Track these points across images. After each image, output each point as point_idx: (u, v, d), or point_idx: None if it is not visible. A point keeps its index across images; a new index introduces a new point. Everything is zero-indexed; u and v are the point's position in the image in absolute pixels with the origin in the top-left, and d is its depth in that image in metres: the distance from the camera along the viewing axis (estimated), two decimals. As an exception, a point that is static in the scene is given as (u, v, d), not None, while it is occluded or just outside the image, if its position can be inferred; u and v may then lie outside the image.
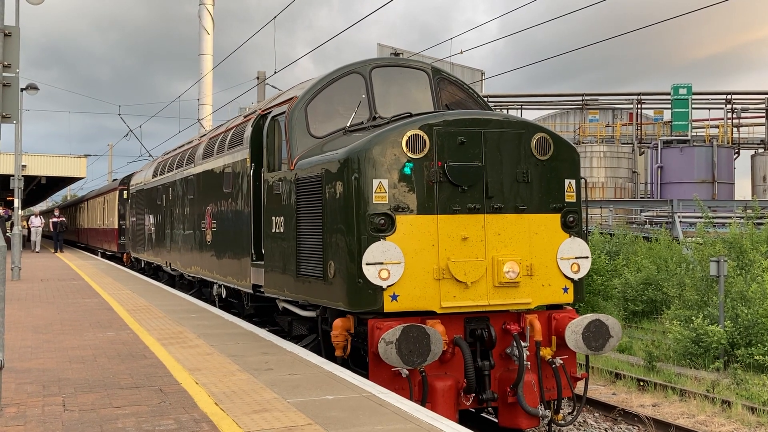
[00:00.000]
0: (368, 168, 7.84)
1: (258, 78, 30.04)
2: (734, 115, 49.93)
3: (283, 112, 9.72)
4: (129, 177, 29.02)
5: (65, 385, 6.77)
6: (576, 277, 8.40)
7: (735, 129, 49.79)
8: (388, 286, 7.72)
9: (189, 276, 15.85)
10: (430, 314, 7.88)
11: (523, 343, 7.99)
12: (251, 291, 10.70)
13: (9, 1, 17.87)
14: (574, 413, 8.61)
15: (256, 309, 11.47)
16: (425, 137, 7.91)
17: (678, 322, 16.21)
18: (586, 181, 8.73)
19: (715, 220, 25.31)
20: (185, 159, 15.83)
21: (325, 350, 8.67)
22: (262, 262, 10.19)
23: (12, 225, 23.31)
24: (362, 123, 9.23)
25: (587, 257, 8.50)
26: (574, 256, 8.40)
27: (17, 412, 5.87)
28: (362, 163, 7.85)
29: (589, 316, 8.05)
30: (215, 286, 13.30)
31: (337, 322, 8.09)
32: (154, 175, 19.69)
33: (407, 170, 7.88)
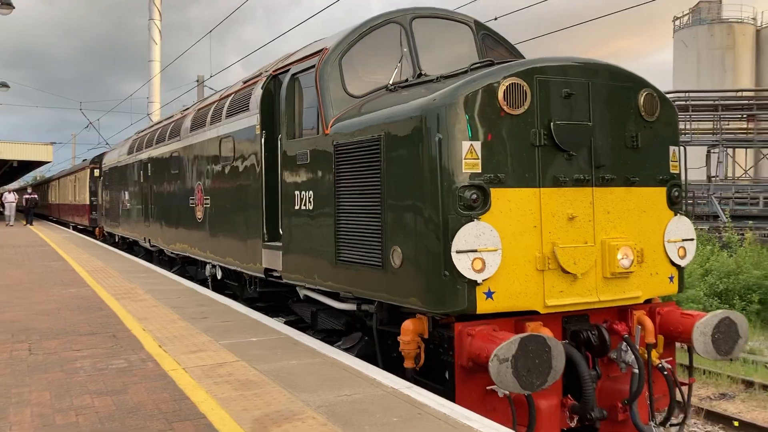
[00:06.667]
0: (456, 126, 4.69)
1: (198, 80, 28.13)
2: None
3: (309, 68, 6.41)
4: (100, 156, 24.58)
5: (32, 334, 6.17)
6: (683, 263, 5.51)
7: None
8: (483, 281, 4.64)
9: (171, 253, 12.20)
10: (530, 314, 4.86)
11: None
12: (263, 276, 7.37)
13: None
14: (681, 424, 5.73)
15: (260, 293, 8.14)
16: (526, 87, 4.82)
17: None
18: (685, 149, 5.82)
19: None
20: (167, 134, 12.07)
21: (382, 356, 5.53)
22: (279, 244, 6.90)
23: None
24: (407, 80, 6.07)
25: (693, 239, 5.61)
26: (681, 238, 5.49)
27: (-14, 359, 5.20)
28: (448, 120, 4.69)
29: (718, 314, 5.17)
30: (208, 267, 9.81)
31: (407, 325, 4.96)
32: (130, 152, 15.67)
33: (502, 129, 4.79)
